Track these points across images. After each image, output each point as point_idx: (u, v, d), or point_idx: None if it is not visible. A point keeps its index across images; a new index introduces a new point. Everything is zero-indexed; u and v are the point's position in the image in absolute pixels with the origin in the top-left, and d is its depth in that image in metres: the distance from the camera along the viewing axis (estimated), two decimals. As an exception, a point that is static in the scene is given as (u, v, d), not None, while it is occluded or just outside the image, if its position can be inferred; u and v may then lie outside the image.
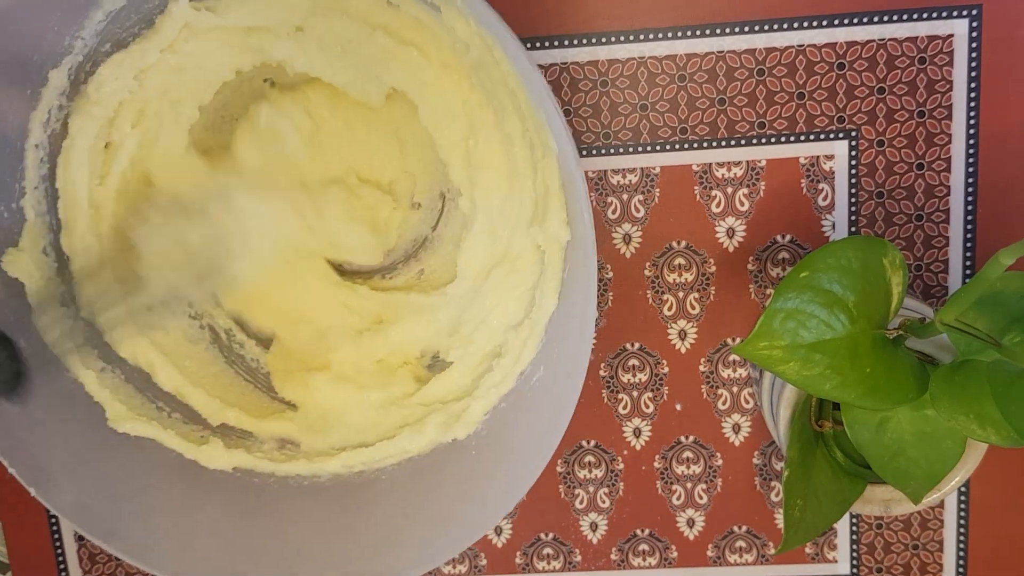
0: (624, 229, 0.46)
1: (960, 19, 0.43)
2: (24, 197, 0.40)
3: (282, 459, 0.44)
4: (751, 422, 0.47)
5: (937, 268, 0.45)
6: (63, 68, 0.39)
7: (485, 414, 0.42)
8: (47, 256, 0.41)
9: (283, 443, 0.45)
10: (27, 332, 0.40)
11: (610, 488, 0.48)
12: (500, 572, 0.49)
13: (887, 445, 0.38)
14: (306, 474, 0.44)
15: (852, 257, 0.35)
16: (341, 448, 0.44)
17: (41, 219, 0.41)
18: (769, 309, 0.35)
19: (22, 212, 0.40)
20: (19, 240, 0.40)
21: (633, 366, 0.47)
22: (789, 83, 0.44)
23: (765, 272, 0.46)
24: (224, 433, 0.44)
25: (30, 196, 0.40)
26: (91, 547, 0.49)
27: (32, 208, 0.40)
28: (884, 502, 0.41)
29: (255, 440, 0.45)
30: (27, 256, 0.40)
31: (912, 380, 0.35)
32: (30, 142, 0.40)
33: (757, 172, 0.45)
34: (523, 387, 0.41)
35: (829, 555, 0.48)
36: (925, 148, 0.44)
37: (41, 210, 0.41)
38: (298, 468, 0.44)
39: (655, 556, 0.49)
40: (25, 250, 0.40)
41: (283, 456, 0.44)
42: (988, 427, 0.33)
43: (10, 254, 0.40)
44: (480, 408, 0.42)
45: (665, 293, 0.46)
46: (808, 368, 0.34)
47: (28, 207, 0.40)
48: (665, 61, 0.44)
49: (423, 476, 0.43)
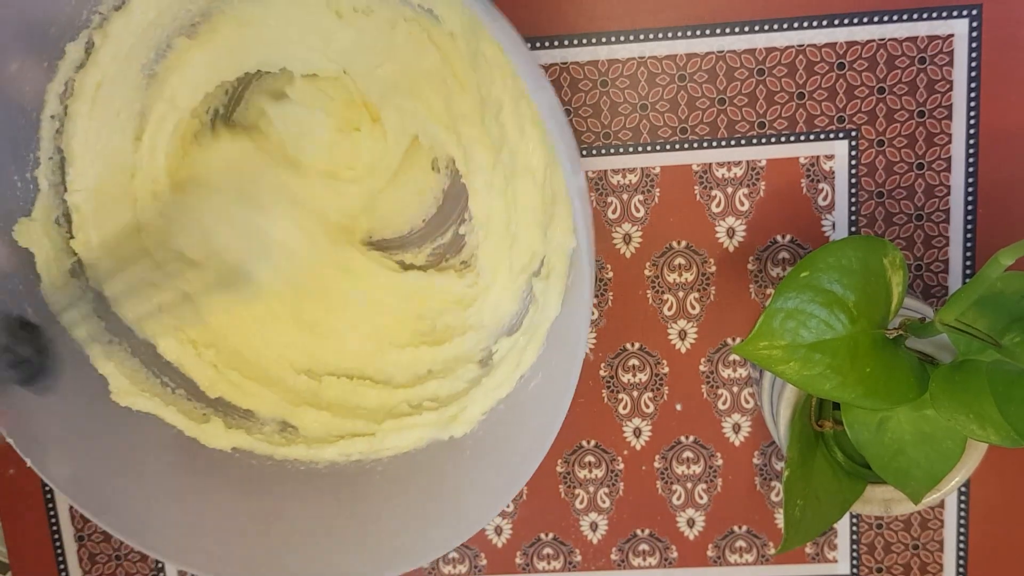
0: (624, 229, 0.46)
1: (960, 19, 0.43)
2: (39, 167, 0.41)
3: (281, 442, 0.44)
4: (751, 422, 0.47)
5: (937, 268, 0.45)
6: (80, 41, 0.39)
7: (483, 415, 0.42)
8: (59, 226, 0.42)
9: (284, 426, 0.45)
10: (35, 302, 0.41)
11: (610, 488, 0.48)
12: (500, 572, 0.49)
13: (887, 445, 0.38)
14: (303, 459, 0.44)
15: (852, 257, 0.35)
16: (340, 436, 0.44)
17: (55, 189, 0.41)
18: (769, 309, 0.35)
19: (36, 182, 0.41)
20: (32, 210, 0.41)
21: (633, 366, 0.47)
22: (789, 83, 0.44)
23: (765, 272, 0.46)
24: (226, 412, 0.44)
25: (44, 166, 0.41)
26: (91, 547, 0.49)
27: (46, 178, 0.41)
28: (884, 502, 0.41)
29: (256, 421, 0.45)
30: (39, 226, 0.41)
31: (912, 380, 0.35)
32: (46, 112, 0.40)
33: (757, 172, 0.45)
34: (522, 391, 0.41)
35: (829, 555, 0.48)
36: (925, 148, 0.44)
37: (55, 180, 0.41)
38: (296, 452, 0.44)
39: (655, 556, 0.49)
40: (37, 220, 0.41)
41: (282, 439, 0.44)
42: (988, 427, 0.33)
43: (22, 223, 0.40)
44: (479, 408, 0.42)
45: (665, 293, 0.46)
46: (808, 368, 0.34)
47: (42, 177, 0.41)
48: (665, 61, 0.44)
49: (417, 471, 0.43)
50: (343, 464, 0.44)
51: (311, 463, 0.44)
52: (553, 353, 0.40)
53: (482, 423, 0.42)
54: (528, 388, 0.41)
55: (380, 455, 0.44)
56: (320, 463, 0.44)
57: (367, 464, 0.44)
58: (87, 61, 0.40)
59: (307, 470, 0.44)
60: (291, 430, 0.45)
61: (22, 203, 0.40)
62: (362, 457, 0.44)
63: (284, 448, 0.44)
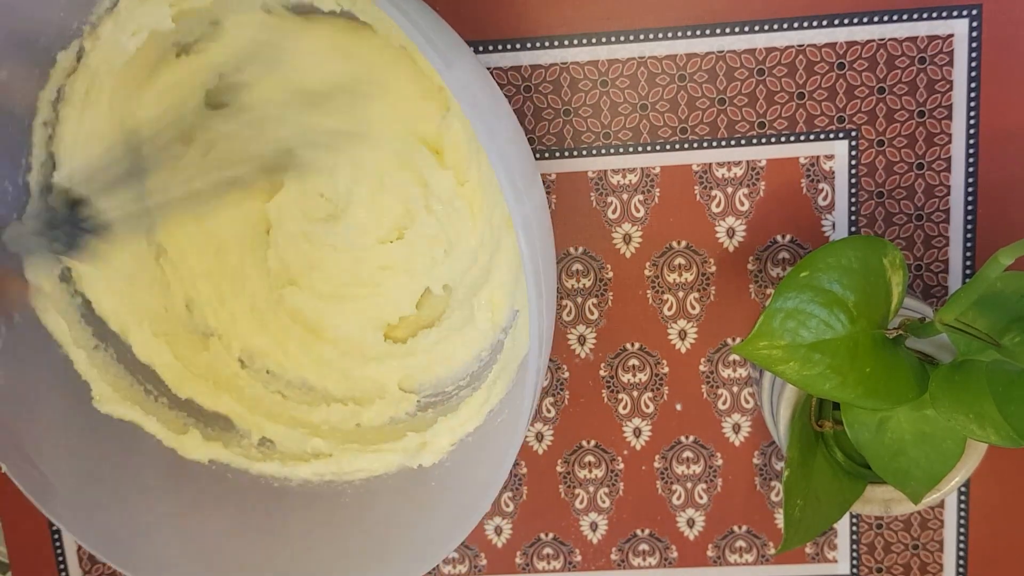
0: (624, 229, 0.46)
1: (960, 19, 0.43)
2: (30, 172, 0.41)
3: (258, 457, 0.44)
4: (751, 422, 0.47)
5: (937, 268, 0.45)
6: (71, 50, 0.40)
7: (452, 445, 0.42)
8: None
9: (263, 440, 0.45)
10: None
11: (610, 488, 0.48)
12: (500, 572, 0.49)
13: (887, 445, 0.38)
14: (278, 476, 0.44)
15: (852, 257, 0.35)
16: (315, 455, 0.44)
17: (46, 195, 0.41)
18: (769, 309, 0.35)
19: (27, 188, 0.41)
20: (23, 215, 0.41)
21: (633, 366, 0.47)
22: (789, 83, 0.44)
23: (765, 272, 0.46)
24: (206, 423, 0.45)
25: (35, 172, 0.41)
26: (91, 547, 0.50)
27: (37, 184, 0.41)
28: (884, 502, 0.41)
29: (235, 434, 0.45)
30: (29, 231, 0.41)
31: (912, 380, 0.35)
32: (38, 120, 0.40)
33: (757, 172, 0.45)
34: (490, 424, 0.41)
35: (829, 555, 0.48)
36: (925, 148, 0.44)
37: (47, 186, 0.41)
38: (271, 469, 0.44)
39: (655, 556, 0.49)
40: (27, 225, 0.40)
41: (259, 454, 0.44)
42: (988, 427, 0.33)
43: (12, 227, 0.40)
44: (448, 439, 0.42)
45: (665, 293, 0.46)
46: (808, 368, 0.34)
47: (33, 182, 0.41)
48: (665, 61, 0.44)
49: (383, 497, 0.43)
50: (316, 483, 0.44)
51: (285, 480, 0.44)
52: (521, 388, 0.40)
53: (451, 453, 0.42)
54: (495, 423, 0.41)
55: (352, 477, 0.44)
56: (294, 480, 0.44)
57: (338, 485, 0.44)
58: (78, 67, 0.40)
59: (280, 487, 0.44)
60: (268, 444, 0.45)
61: (12, 208, 0.41)
62: (335, 478, 0.44)
63: (259, 463, 0.44)
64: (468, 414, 0.42)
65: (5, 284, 0.39)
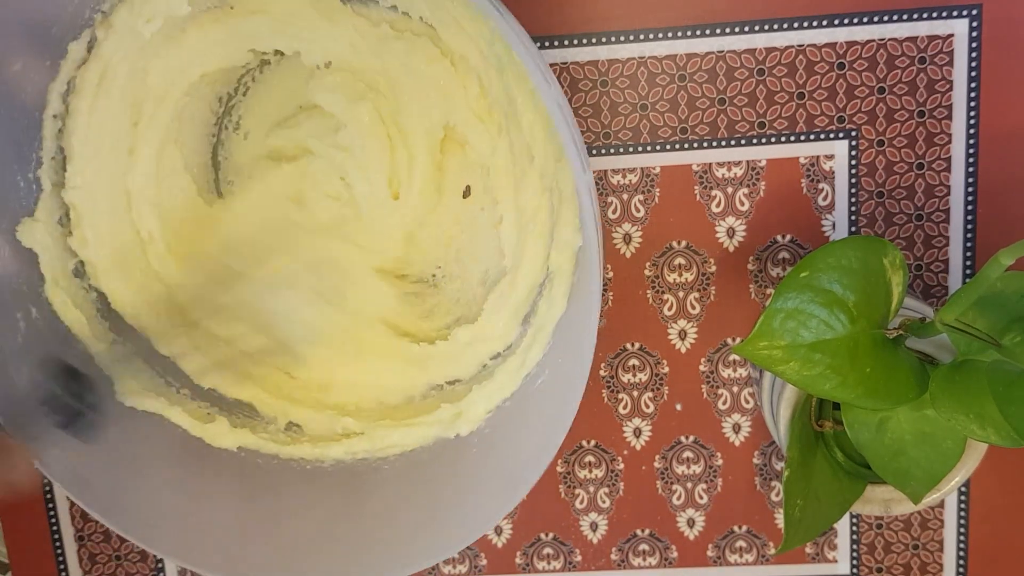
0: (624, 229, 0.46)
1: (960, 19, 0.43)
2: (41, 167, 0.40)
3: (287, 441, 0.44)
4: (751, 422, 0.47)
5: (937, 268, 0.45)
6: (82, 40, 0.39)
7: (488, 412, 0.42)
8: (62, 227, 0.41)
9: (289, 425, 0.45)
10: (40, 304, 0.41)
11: (610, 488, 0.48)
12: (500, 572, 0.49)
13: (887, 445, 0.38)
14: (309, 458, 0.44)
15: (852, 257, 0.35)
16: (345, 434, 0.44)
17: (57, 189, 0.41)
18: (769, 309, 0.35)
19: (39, 182, 0.41)
20: (35, 210, 0.41)
21: (633, 366, 0.47)
22: (789, 83, 0.44)
23: (765, 272, 0.46)
24: (231, 411, 0.44)
25: (47, 166, 0.41)
26: (91, 547, 0.49)
27: (49, 178, 0.41)
28: (884, 502, 0.41)
29: (261, 420, 0.45)
30: (42, 226, 0.41)
31: (912, 380, 0.35)
32: (48, 112, 0.40)
33: (757, 172, 0.45)
34: (528, 388, 0.41)
35: (829, 555, 0.48)
36: (925, 148, 0.44)
37: (57, 180, 0.41)
38: (302, 451, 0.44)
39: (655, 556, 0.49)
40: (40, 220, 0.41)
41: (288, 438, 0.44)
42: (988, 427, 0.33)
43: (25, 223, 0.40)
44: (484, 407, 0.42)
45: (665, 293, 0.46)
46: (808, 368, 0.34)
47: (45, 177, 0.41)
48: (665, 61, 0.44)
49: (424, 470, 0.43)
50: (349, 462, 0.44)
51: (317, 461, 0.44)
52: (559, 350, 0.40)
53: (488, 420, 0.42)
54: (535, 385, 0.41)
55: (386, 453, 0.43)
56: (326, 461, 0.44)
57: (373, 462, 0.44)
58: (89, 57, 0.40)
59: (313, 469, 0.44)
60: (296, 428, 0.45)
61: (25, 203, 0.40)
62: (368, 455, 0.44)
63: (289, 447, 0.44)
64: (504, 380, 0.42)
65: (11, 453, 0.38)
